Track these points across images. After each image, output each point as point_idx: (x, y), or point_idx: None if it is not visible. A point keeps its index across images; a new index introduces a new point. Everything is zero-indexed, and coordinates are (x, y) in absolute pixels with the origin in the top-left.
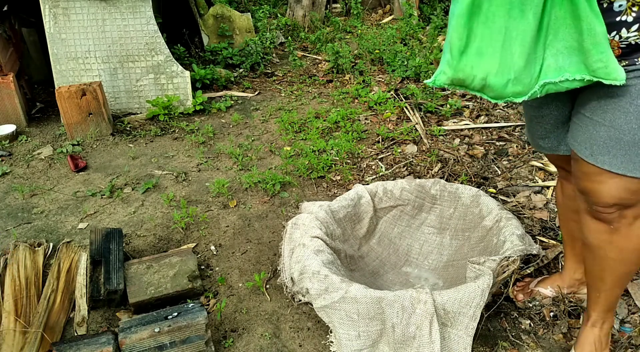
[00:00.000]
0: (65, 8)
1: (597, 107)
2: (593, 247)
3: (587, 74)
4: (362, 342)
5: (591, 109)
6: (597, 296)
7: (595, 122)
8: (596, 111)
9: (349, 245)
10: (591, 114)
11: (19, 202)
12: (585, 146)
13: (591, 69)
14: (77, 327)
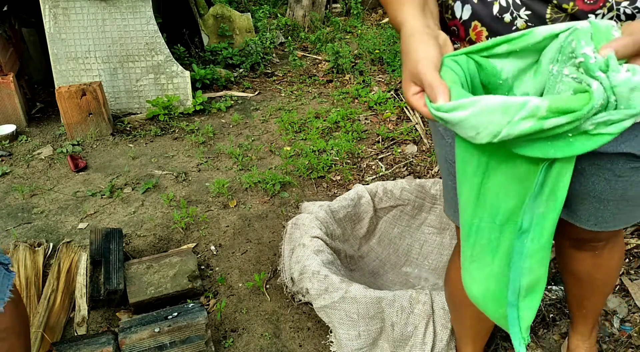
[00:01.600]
0: (65, 8)
1: (606, 188)
2: (579, 273)
3: None
4: (362, 342)
5: (598, 190)
6: (584, 313)
7: (603, 200)
8: (605, 191)
9: (349, 245)
10: (599, 194)
11: (19, 202)
12: (588, 219)
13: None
14: (77, 327)
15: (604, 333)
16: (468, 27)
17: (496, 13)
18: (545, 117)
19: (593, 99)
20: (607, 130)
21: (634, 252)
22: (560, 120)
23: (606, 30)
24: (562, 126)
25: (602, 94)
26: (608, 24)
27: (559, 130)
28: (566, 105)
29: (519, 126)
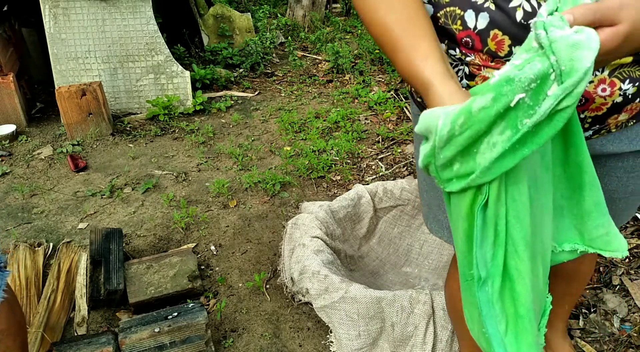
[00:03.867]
0: (65, 8)
1: (619, 186)
2: (567, 271)
3: (582, 244)
4: (363, 342)
5: (611, 190)
6: (566, 309)
7: (615, 199)
8: (618, 189)
9: (349, 245)
10: (611, 194)
11: (19, 202)
12: None
13: (589, 237)
14: (77, 327)
15: (604, 333)
16: (486, 37)
17: (520, 19)
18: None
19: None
20: (564, 104)
21: (633, 252)
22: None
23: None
24: (489, 108)
25: (514, 70)
26: None
27: (491, 116)
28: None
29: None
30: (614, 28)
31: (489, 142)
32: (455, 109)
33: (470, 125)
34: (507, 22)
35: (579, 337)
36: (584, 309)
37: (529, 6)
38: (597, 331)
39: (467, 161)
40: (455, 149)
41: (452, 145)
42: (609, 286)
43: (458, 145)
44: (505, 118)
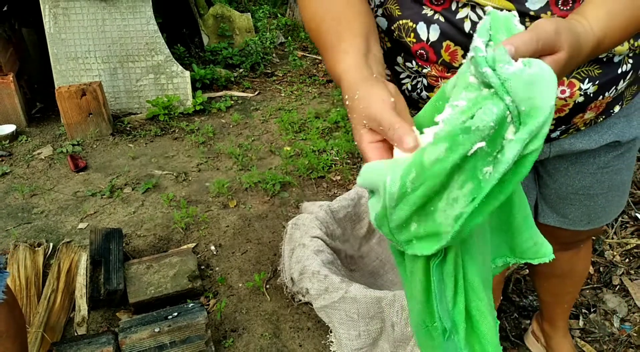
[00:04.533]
0: (65, 8)
1: (594, 182)
2: (563, 272)
3: (513, 258)
4: (363, 342)
5: (586, 186)
6: (565, 307)
7: (592, 195)
8: (593, 186)
9: (349, 245)
10: (587, 190)
11: (19, 202)
12: (581, 219)
13: (519, 250)
14: (77, 327)
15: (604, 333)
16: (439, 49)
17: (469, 30)
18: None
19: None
20: (531, 147)
21: (633, 252)
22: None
23: (506, 21)
24: (445, 160)
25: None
26: (508, 15)
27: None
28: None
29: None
30: (555, 56)
31: (448, 198)
32: (402, 161)
33: (423, 181)
34: (456, 34)
35: (578, 337)
36: (583, 309)
37: (476, 16)
38: (597, 331)
39: (426, 220)
40: (409, 208)
41: (405, 205)
42: (609, 286)
43: (412, 204)
44: (463, 169)
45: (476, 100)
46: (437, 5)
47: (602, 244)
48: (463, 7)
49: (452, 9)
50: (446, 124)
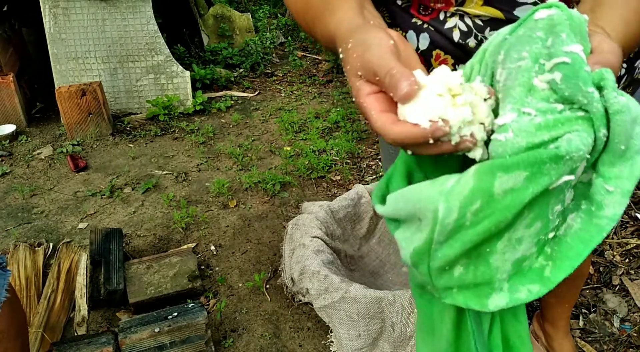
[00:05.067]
0: (65, 8)
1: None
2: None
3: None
4: (363, 342)
5: None
6: (566, 307)
7: None
8: None
9: (349, 245)
10: None
11: (19, 202)
12: None
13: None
14: (77, 327)
15: (604, 333)
16: (429, 57)
17: (458, 40)
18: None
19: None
20: (608, 211)
21: (634, 252)
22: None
23: (580, 24)
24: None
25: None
26: (582, 17)
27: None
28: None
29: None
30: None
31: (510, 238)
32: (459, 184)
33: (489, 214)
34: (446, 43)
35: (579, 337)
36: (584, 309)
37: (464, 26)
38: (597, 331)
39: (477, 264)
40: (462, 246)
41: (457, 241)
42: (609, 286)
43: (467, 241)
44: (536, 204)
45: (558, 119)
46: (425, 16)
47: (602, 244)
48: (451, 17)
49: (441, 19)
50: (519, 135)
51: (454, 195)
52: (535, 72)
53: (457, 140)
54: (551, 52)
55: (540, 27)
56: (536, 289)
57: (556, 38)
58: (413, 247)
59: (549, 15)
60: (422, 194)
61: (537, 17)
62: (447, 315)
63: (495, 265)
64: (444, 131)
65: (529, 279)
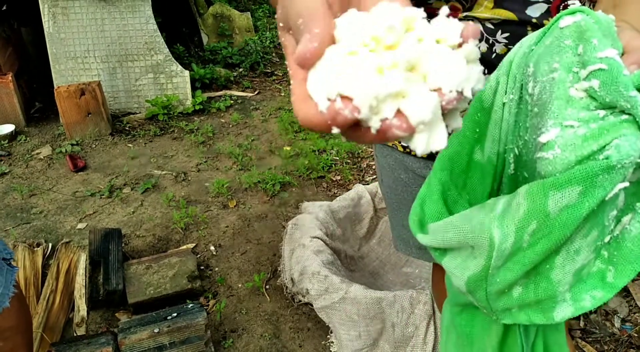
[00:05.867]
0: (64, 7)
1: None
2: None
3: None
4: (363, 342)
5: None
6: None
7: None
8: None
9: (349, 245)
10: None
11: (17, 202)
12: None
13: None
14: (77, 327)
15: (604, 333)
16: None
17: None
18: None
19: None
20: None
21: None
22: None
23: (608, 26)
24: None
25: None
26: (608, 18)
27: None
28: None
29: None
30: None
31: (569, 251)
32: (511, 208)
33: (547, 233)
34: None
35: (579, 337)
36: None
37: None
38: (597, 331)
39: (537, 282)
40: (521, 268)
41: (516, 264)
42: None
43: (527, 263)
44: (593, 215)
45: (603, 126)
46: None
47: None
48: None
49: None
50: (566, 150)
51: (508, 219)
52: (570, 82)
53: (376, 126)
54: (584, 59)
55: (567, 35)
56: (600, 295)
57: (587, 44)
58: (468, 275)
59: (575, 22)
60: (473, 222)
61: (562, 24)
62: (493, 330)
63: (557, 279)
64: (344, 117)
65: (590, 285)
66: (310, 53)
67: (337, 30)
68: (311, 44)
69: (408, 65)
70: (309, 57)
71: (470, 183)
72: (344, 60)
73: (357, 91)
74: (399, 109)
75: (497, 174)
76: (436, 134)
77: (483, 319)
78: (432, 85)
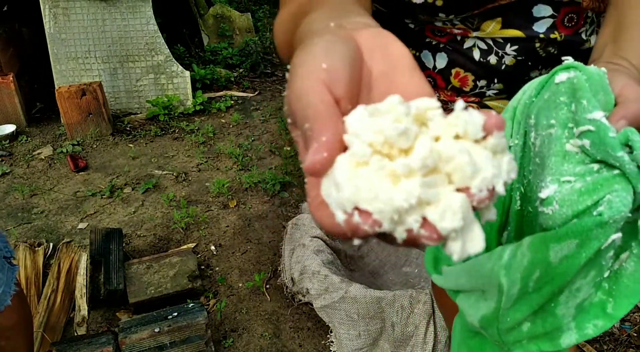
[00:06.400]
0: (65, 8)
1: None
2: None
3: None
4: (363, 342)
5: None
6: None
7: None
8: None
9: (349, 245)
10: None
11: (19, 202)
12: None
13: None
14: (77, 327)
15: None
16: (448, 75)
17: (479, 58)
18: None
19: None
20: None
21: None
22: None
23: (600, 80)
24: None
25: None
26: (600, 71)
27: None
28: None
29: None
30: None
31: (571, 290)
32: (517, 257)
33: (550, 280)
34: (466, 61)
35: None
36: None
37: (484, 44)
38: None
39: (544, 318)
40: (528, 309)
41: (524, 305)
42: None
43: (533, 305)
44: (591, 261)
45: (597, 181)
46: (441, 37)
47: None
48: (468, 38)
49: (458, 39)
50: (563, 206)
51: (515, 268)
52: (566, 137)
53: (402, 237)
54: (576, 119)
55: (563, 92)
56: (600, 324)
57: (578, 105)
58: (481, 314)
59: (569, 78)
60: (483, 269)
61: (557, 80)
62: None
63: (561, 314)
64: (363, 231)
65: (592, 314)
66: (321, 164)
67: (348, 132)
68: (319, 154)
69: (426, 170)
70: (319, 168)
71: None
72: (356, 171)
73: (375, 205)
74: (425, 217)
75: (505, 209)
76: (471, 237)
77: (493, 348)
78: (458, 184)
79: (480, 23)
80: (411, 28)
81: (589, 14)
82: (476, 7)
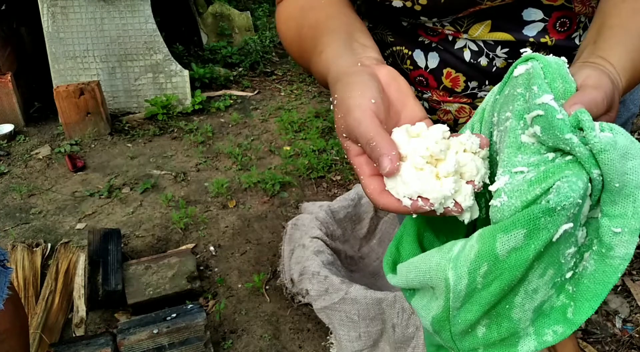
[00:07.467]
0: (63, 7)
1: None
2: None
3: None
4: (363, 343)
5: None
6: None
7: None
8: None
9: (349, 245)
10: None
11: (16, 202)
12: None
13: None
14: (76, 328)
15: (605, 334)
16: (439, 76)
17: (469, 59)
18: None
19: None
20: (618, 251)
21: (636, 253)
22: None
23: (559, 68)
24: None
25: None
26: (559, 61)
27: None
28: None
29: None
30: (608, 115)
31: (526, 290)
32: (465, 250)
33: (499, 275)
34: (457, 62)
35: (580, 338)
36: None
37: (475, 46)
38: (598, 332)
39: (499, 322)
40: (480, 308)
41: (474, 305)
42: None
43: (484, 303)
44: (545, 256)
45: (548, 169)
46: (433, 36)
47: None
48: (459, 39)
49: (449, 39)
50: (512, 197)
51: (461, 261)
52: (522, 128)
53: (441, 211)
54: (529, 107)
55: (520, 83)
56: (560, 330)
57: (530, 92)
58: (432, 315)
59: (527, 70)
60: (431, 262)
61: (516, 73)
62: None
63: (517, 317)
64: (424, 210)
65: (553, 319)
66: (396, 169)
67: (400, 147)
68: (393, 164)
69: (456, 173)
70: (395, 172)
71: (446, 226)
72: (417, 174)
73: (432, 195)
74: (454, 200)
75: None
76: (474, 209)
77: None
78: (467, 178)
79: (470, 26)
80: (404, 26)
81: (582, 19)
82: (456, 12)
